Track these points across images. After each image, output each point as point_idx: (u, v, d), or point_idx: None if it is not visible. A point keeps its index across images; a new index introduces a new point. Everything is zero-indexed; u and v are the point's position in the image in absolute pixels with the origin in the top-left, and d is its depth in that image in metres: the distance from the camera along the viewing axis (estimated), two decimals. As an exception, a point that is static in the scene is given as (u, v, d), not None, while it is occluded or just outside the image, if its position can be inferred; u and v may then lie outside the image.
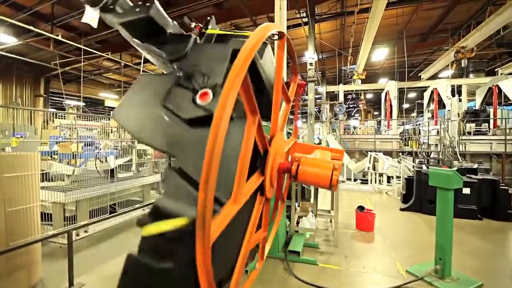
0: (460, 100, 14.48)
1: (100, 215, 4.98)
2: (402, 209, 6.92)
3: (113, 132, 8.86)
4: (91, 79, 17.99)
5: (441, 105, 15.65)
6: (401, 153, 12.60)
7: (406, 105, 24.47)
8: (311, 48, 10.39)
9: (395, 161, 10.04)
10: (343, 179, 4.79)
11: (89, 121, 7.32)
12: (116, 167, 5.78)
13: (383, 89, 18.63)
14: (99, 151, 6.54)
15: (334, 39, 14.71)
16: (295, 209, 4.84)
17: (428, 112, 16.40)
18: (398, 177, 9.26)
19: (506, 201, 6.13)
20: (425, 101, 16.81)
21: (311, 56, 10.19)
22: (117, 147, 7.30)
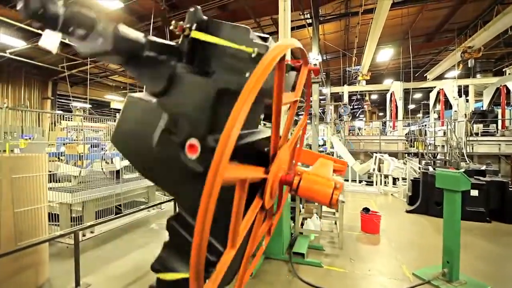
0: (467, 100, 14.28)
1: (106, 216, 5.04)
2: (408, 211, 6.84)
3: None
4: (97, 81, 18.24)
5: (448, 105, 15.46)
6: (406, 155, 12.47)
7: (411, 106, 24.22)
8: (315, 49, 10.38)
9: (400, 163, 9.93)
10: (343, 199, 4.83)
11: (95, 122, 7.40)
12: (121, 168, 5.84)
13: (388, 90, 18.46)
14: (105, 152, 6.61)
15: (338, 40, 14.67)
16: (300, 211, 4.82)
17: (434, 113, 16.21)
18: (404, 179, 9.15)
19: (515, 203, 6.02)
20: (431, 102, 16.61)
21: (315, 57, 10.17)
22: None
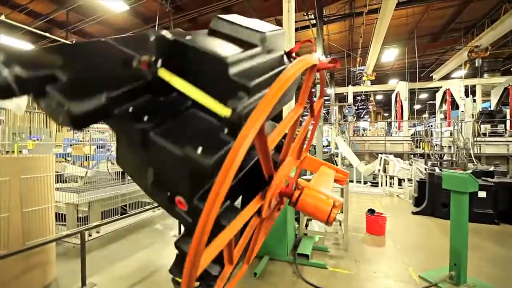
0: (474, 100, 14.06)
1: (111, 216, 5.07)
2: (414, 213, 6.76)
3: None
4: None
5: (454, 106, 15.24)
6: (412, 155, 12.33)
7: (417, 106, 23.95)
8: (319, 49, 10.35)
9: (406, 164, 9.82)
10: (340, 218, 4.99)
11: (101, 123, 7.49)
12: (127, 169, 5.87)
13: (393, 90, 18.31)
14: (110, 153, 6.67)
15: (342, 40, 14.61)
16: (304, 212, 4.79)
17: (440, 113, 16.01)
18: (409, 180, 9.05)
19: (524, 205, 5.91)
20: (437, 102, 16.41)
21: (319, 57, 10.14)
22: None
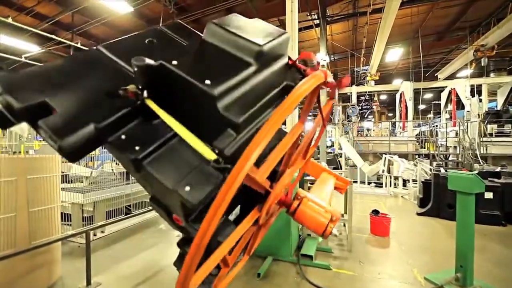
0: (480, 100, 13.89)
1: (116, 216, 5.12)
2: (419, 214, 6.69)
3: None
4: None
5: (460, 105, 15.08)
6: (417, 156, 12.22)
7: (422, 106, 23.75)
8: (322, 49, 10.33)
9: (411, 164, 9.73)
10: (336, 233, 5.04)
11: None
12: (131, 169, 5.92)
13: (397, 90, 18.18)
14: (115, 153, 6.73)
15: (346, 40, 14.55)
16: (308, 213, 4.78)
17: (445, 113, 15.85)
18: (414, 181, 8.96)
19: (532, 206, 5.81)
20: (443, 102, 16.24)
21: (323, 58, 10.12)
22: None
